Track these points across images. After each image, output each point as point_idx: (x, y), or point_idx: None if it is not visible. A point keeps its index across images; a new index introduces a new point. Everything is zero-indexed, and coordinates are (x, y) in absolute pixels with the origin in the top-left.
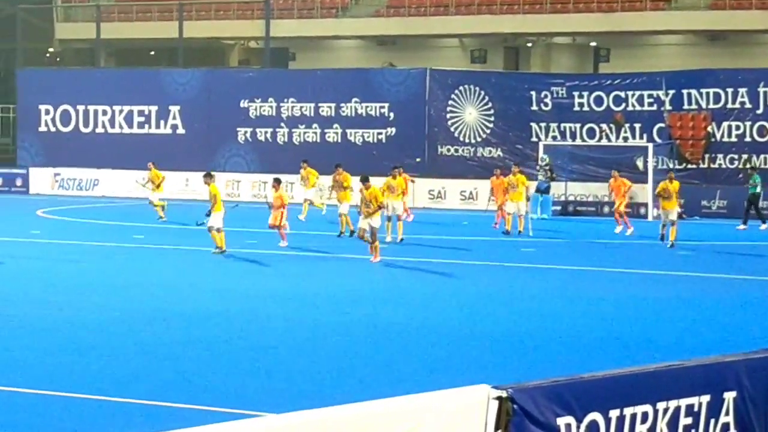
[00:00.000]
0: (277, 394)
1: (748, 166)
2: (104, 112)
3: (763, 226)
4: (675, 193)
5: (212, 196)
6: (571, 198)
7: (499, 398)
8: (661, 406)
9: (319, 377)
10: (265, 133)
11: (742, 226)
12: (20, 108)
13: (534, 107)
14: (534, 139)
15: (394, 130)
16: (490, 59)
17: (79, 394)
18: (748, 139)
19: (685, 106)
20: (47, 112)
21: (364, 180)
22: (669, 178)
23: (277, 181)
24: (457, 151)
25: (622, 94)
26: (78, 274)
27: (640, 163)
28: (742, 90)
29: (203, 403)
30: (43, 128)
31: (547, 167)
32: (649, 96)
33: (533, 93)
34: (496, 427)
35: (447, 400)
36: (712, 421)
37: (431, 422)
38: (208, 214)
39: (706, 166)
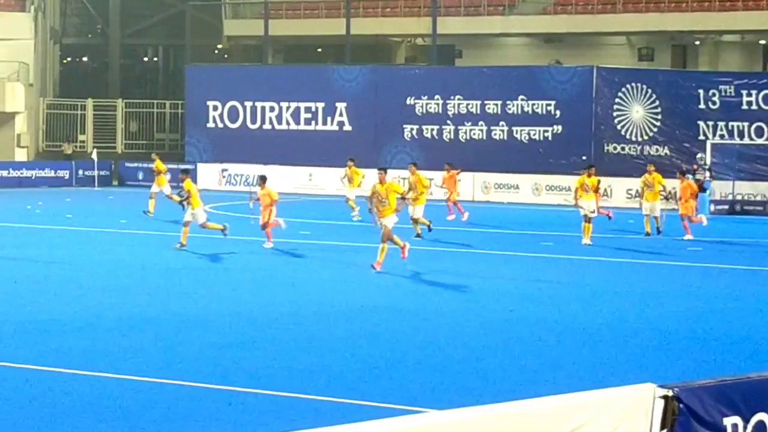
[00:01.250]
0: (441, 390)
1: None
2: (271, 109)
3: None
4: (657, 184)
5: (186, 192)
6: (739, 197)
7: (665, 397)
8: None
9: (485, 374)
10: (432, 130)
11: None
12: (189, 104)
13: (701, 105)
14: (701, 137)
15: (560, 127)
16: (658, 57)
17: (244, 388)
18: None
19: None
20: (215, 108)
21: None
22: (649, 171)
23: (263, 179)
24: (623, 149)
25: None
26: (240, 270)
27: None
28: None
29: (369, 398)
30: (211, 124)
31: (707, 166)
32: None
33: (701, 91)
34: (662, 426)
35: (613, 398)
36: None
37: (597, 420)
38: (184, 208)
39: None
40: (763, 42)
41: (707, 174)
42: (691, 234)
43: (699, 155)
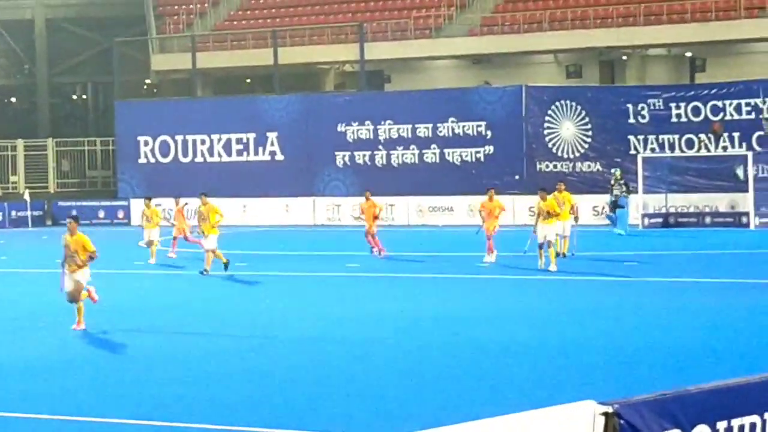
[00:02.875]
0: (385, 417)
1: None
2: (203, 142)
3: None
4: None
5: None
6: (672, 210)
7: (605, 414)
8: None
9: (427, 399)
10: (364, 156)
11: None
12: (119, 140)
13: (631, 120)
14: (632, 151)
15: (492, 148)
16: (586, 73)
17: (189, 424)
18: None
19: None
20: (146, 143)
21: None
22: (558, 189)
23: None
24: (556, 166)
25: (720, 104)
26: (182, 304)
27: (740, 172)
28: None
29: (311, 428)
30: (142, 159)
31: (622, 181)
32: (747, 104)
33: (630, 106)
34: None
35: (554, 416)
36: None
37: None
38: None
39: None
40: (689, 54)
41: (623, 189)
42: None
43: (613, 170)
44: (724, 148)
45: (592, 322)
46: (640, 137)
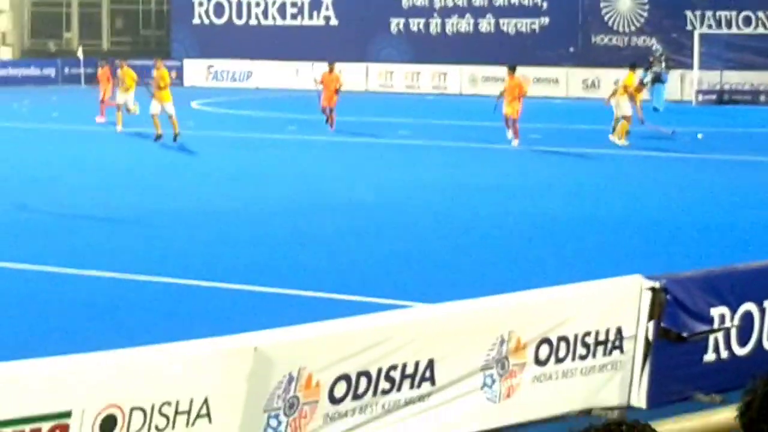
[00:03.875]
0: (430, 285)
1: None
2: (257, 4)
3: None
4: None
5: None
6: (727, 87)
7: (653, 288)
8: None
9: (474, 269)
10: (418, 23)
11: None
12: (174, 0)
13: None
14: (689, 27)
15: (547, 19)
16: None
17: (234, 285)
18: None
19: None
20: (200, 4)
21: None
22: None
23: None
24: (611, 40)
25: None
26: (232, 166)
27: None
28: None
29: (356, 293)
30: (196, 20)
31: (662, 57)
32: None
33: None
34: (650, 317)
35: (601, 290)
36: None
37: (586, 312)
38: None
39: None
40: None
41: (663, 65)
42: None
43: (654, 47)
44: None
45: (639, 197)
46: (697, 13)
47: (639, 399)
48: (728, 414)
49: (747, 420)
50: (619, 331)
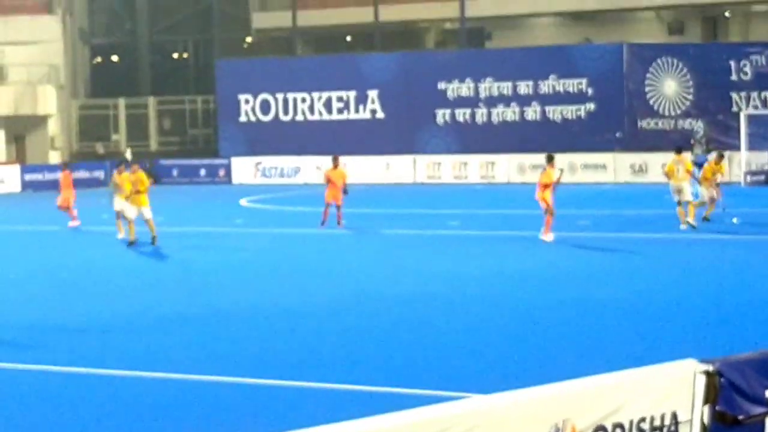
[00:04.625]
0: (483, 375)
1: None
2: (303, 100)
3: None
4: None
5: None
6: None
7: (707, 372)
8: None
9: (526, 358)
10: (464, 113)
11: None
12: (220, 98)
13: (733, 77)
14: (734, 108)
15: (593, 105)
16: (688, 30)
17: (288, 381)
18: None
19: None
20: (247, 101)
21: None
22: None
23: (65, 164)
24: (657, 124)
25: None
26: (281, 262)
27: None
28: None
29: (411, 386)
30: (243, 118)
31: (703, 139)
32: None
33: (732, 62)
34: (705, 402)
35: (654, 375)
36: None
37: (639, 398)
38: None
39: None
40: None
41: (704, 147)
42: None
43: (695, 129)
44: None
45: (691, 279)
46: (743, 94)
47: None
48: None
49: None
50: (674, 416)
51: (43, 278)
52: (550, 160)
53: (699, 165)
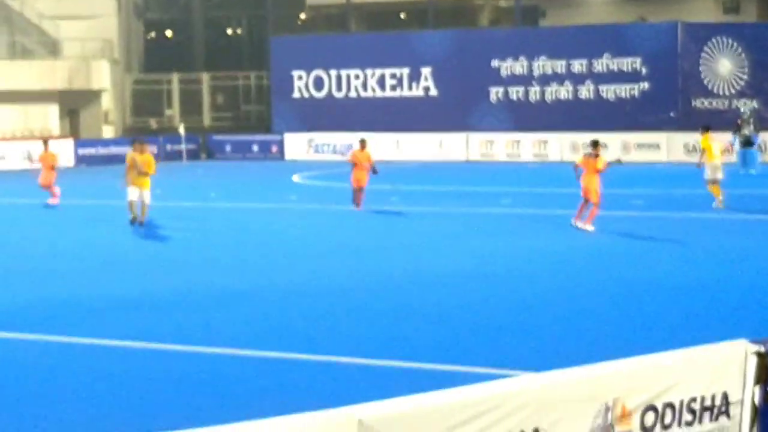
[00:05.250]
0: (536, 354)
1: None
2: (356, 77)
3: None
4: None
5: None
6: None
7: (758, 353)
8: None
9: (578, 337)
10: (517, 92)
11: None
12: (274, 75)
13: None
14: None
15: (646, 84)
16: (743, 9)
17: (341, 358)
18: None
19: None
20: (300, 78)
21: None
22: (701, 131)
23: (45, 142)
24: (711, 104)
25: None
26: (334, 239)
27: None
28: None
29: (460, 363)
30: (296, 94)
31: (751, 119)
32: None
33: None
34: (756, 382)
35: (706, 356)
36: None
37: (691, 378)
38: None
39: None
40: None
41: (752, 127)
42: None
43: (742, 109)
44: None
45: (742, 260)
46: None
47: None
48: None
49: None
50: (725, 396)
51: (96, 253)
52: (595, 145)
53: (751, 144)
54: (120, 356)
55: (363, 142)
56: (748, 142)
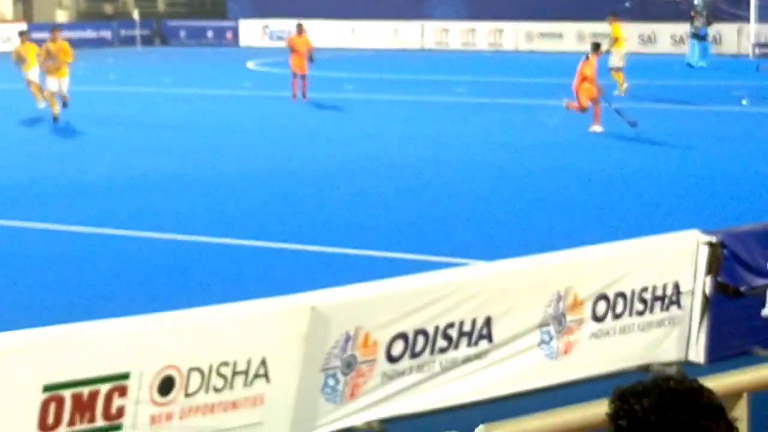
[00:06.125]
0: (487, 241)
1: None
2: None
3: None
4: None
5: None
6: None
7: (710, 243)
8: None
9: (531, 225)
10: None
11: None
12: None
13: None
14: None
15: None
16: None
17: (296, 245)
18: None
19: None
20: None
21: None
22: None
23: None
24: None
25: None
26: (287, 126)
27: None
28: None
29: (414, 251)
30: None
31: (704, 11)
32: None
33: None
34: (707, 272)
35: (658, 245)
36: None
37: (643, 267)
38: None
39: None
40: None
41: (704, 20)
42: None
43: (696, 1)
44: None
45: (696, 152)
46: None
47: (697, 354)
48: None
49: None
50: (676, 286)
51: (53, 137)
52: (596, 48)
53: (702, 37)
54: (73, 241)
55: (300, 27)
56: (697, 35)
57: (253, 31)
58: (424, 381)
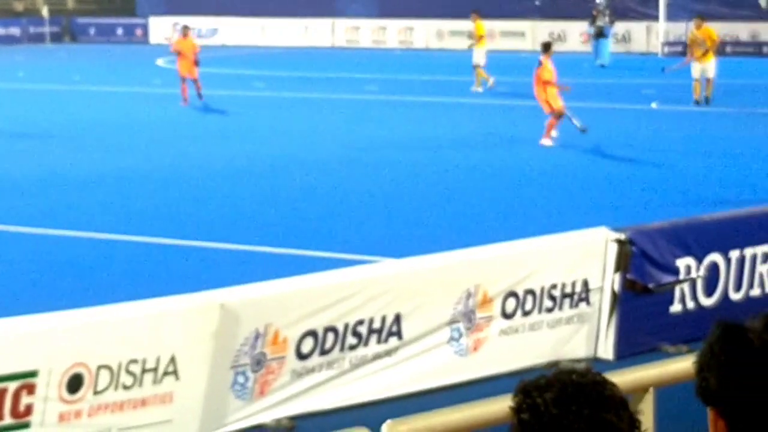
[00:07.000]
0: (396, 239)
1: None
2: None
3: None
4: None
5: None
6: None
7: (618, 240)
8: None
9: (439, 223)
10: None
11: None
12: None
13: None
14: None
15: None
16: None
17: (205, 243)
18: None
19: None
20: None
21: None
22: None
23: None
24: None
25: None
26: (197, 124)
27: (764, 2)
28: None
29: (323, 248)
30: None
31: (606, 10)
32: None
33: None
34: (616, 269)
35: (566, 243)
36: None
37: (551, 265)
38: None
39: None
40: None
41: (607, 19)
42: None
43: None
44: None
45: (605, 150)
46: None
47: (606, 351)
48: (691, 362)
49: (697, 367)
50: (585, 283)
51: None
52: (546, 49)
53: (605, 36)
54: None
55: (185, 29)
56: (600, 34)
57: (162, 28)
58: (334, 378)
